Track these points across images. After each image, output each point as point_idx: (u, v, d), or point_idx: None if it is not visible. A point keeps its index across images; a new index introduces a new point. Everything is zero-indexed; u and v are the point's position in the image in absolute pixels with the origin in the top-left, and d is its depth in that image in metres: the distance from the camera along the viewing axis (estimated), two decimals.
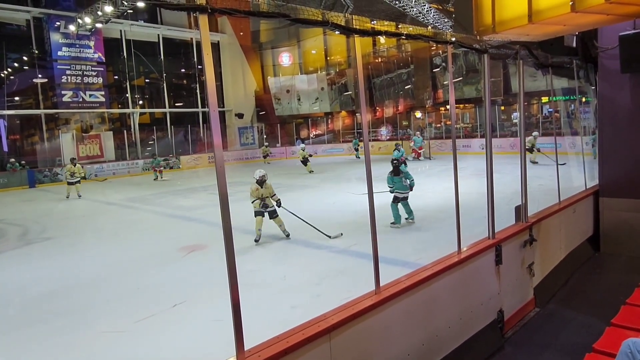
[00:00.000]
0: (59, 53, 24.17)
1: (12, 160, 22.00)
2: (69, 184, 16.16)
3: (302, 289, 5.79)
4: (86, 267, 7.53)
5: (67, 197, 15.97)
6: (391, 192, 8.64)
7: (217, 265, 5.22)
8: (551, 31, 5.21)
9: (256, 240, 8.01)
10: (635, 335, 2.70)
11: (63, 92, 24.46)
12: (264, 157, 28.43)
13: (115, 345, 4.61)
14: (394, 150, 15.45)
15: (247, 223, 9.78)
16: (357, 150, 27.11)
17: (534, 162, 16.13)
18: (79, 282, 6.69)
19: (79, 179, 16.23)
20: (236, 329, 2.66)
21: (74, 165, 16.21)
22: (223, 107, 32.40)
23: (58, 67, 24.23)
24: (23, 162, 22.79)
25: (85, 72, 25.22)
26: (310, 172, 19.91)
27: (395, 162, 8.71)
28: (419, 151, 22.46)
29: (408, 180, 8.57)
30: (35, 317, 5.45)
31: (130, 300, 5.85)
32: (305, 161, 20.31)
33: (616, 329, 3.62)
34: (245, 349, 2.70)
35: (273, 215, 8.17)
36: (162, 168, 22.17)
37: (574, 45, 7.17)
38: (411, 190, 8.66)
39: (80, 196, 16.11)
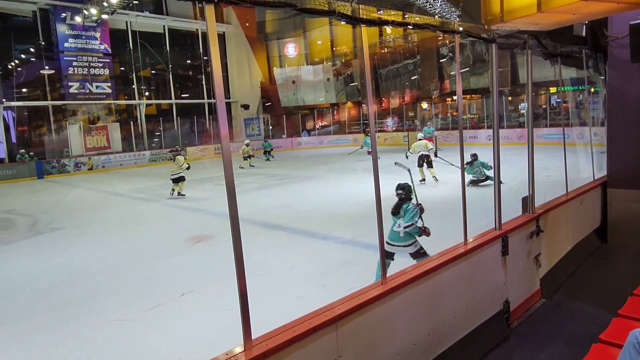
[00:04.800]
0: (66, 44, 24.20)
1: (22, 151, 22.20)
2: (175, 181, 12.82)
3: (309, 279, 5.82)
4: (94, 257, 7.62)
5: (174, 194, 12.72)
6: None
7: (224, 255, 5.26)
8: (560, 20, 5.14)
9: None
10: None
11: (70, 83, 24.53)
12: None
13: (123, 334, 4.67)
14: (424, 126, 14.62)
15: (253, 213, 9.85)
16: (248, 158, 20.98)
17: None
18: (87, 272, 6.77)
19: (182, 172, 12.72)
20: (243, 318, 2.69)
21: (184, 157, 13.05)
22: (229, 98, 32.38)
23: (65, 58, 24.27)
24: (31, 153, 22.98)
25: (91, 64, 25.26)
26: (251, 165, 20.30)
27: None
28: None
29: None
30: (43, 307, 5.53)
31: (138, 289, 5.91)
32: (248, 157, 20.33)
33: (623, 320, 3.61)
34: (253, 338, 2.73)
35: None
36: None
37: (584, 34, 7.06)
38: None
39: (182, 195, 12.80)
